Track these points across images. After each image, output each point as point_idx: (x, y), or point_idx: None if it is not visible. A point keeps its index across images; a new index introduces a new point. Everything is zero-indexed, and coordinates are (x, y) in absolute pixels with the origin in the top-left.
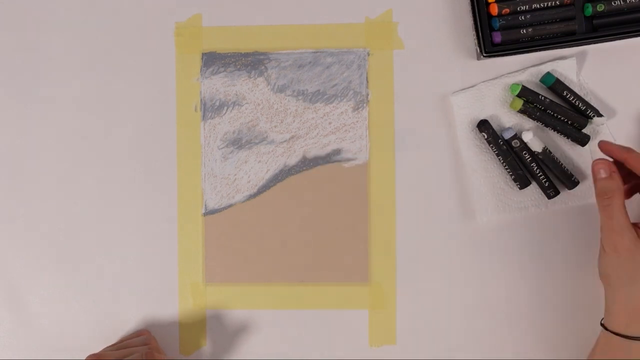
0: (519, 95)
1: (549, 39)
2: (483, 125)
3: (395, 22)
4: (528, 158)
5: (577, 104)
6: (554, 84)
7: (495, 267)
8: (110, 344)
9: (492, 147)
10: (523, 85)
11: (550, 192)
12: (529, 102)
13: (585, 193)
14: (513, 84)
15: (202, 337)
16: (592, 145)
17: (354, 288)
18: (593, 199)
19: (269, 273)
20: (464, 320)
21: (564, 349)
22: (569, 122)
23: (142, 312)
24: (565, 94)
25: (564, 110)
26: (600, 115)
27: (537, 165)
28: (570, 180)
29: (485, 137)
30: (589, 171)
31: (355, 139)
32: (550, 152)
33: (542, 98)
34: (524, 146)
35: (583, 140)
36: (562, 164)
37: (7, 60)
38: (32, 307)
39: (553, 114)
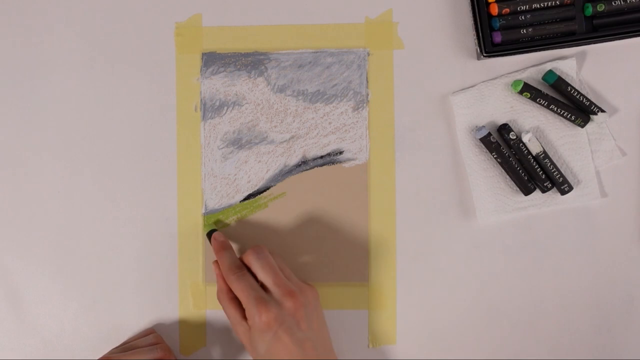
0: (521, 92)
1: (549, 39)
2: (504, 129)
3: (395, 22)
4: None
5: (580, 99)
6: (556, 82)
7: (495, 267)
8: (109, 343)
9: (512, 151)
10: (525, 82)
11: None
12: (531, 98)
13: (585, 194)
14: (515, 80)
15: (202, 337)
16: (593, 146)
17: (354, 288)
18: (593, 200)
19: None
20: (464, 320)
21: (564, 349)
22: (572, 119)
23: (142, 312)
24: (569, 89)
25: (567, 107)
26: (603, 111)
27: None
28: (566, 184)
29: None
30: (587, 175)
31: (355, 139)
32: (548, 155)
33: (545, 94)
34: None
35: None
36: (558, 168)
37: (7, 60)
38: (32, 307)
39: (556, 110)
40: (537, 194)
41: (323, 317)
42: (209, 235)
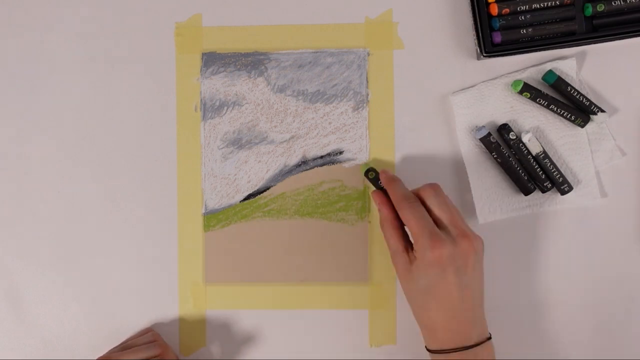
0: (520, 92)
1: (549, 39)
2: (504, 129)
3: (395, 22)
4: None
5: (580, 99)
6: (556, 82)
7: (495, 267)
8: (109, 343)
9: (512, 151)
10: (525, 82)
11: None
12: (531, 98)
13: (585, 194)
14: (515, 80)
15: (202, 337)
16: (593, 146)
17: (354, 288)
18: (593, 200)
19: (269, 273)
20: None
21: (564, 349)
22: (572, 119)
23: (142, 312)
24: (569, 89)
25: (567, 107)
26: (603, 111)
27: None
28: (566, 184)
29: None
30: (587, 175)
31: (355, 139)
32: (548, 155)
33: (545, 94)
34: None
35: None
36: (558, 168)
37: (8, 60)
38: (32, 307)
39: (556, 110)
40: (537, 194)
41: (483, 269)
42: (367, 173)
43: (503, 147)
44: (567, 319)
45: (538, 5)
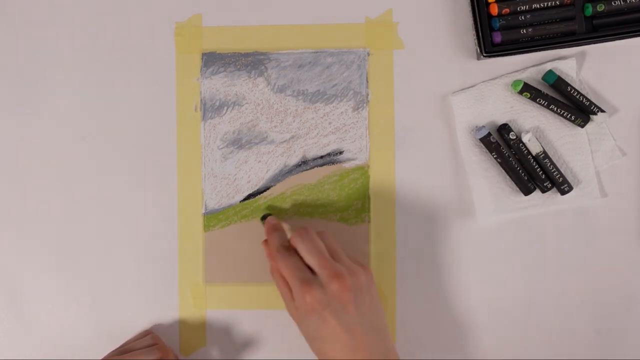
0: (520, 92)
1: (549, 39)
2: (504, 129)
3: (395, 22)
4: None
5: (580, 99)
6: (556, 82)
7: (495, 267)
8: (110, 343)
9: (512, 151)
10: (525, 82)
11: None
12: (531, 98)
13: (585, 194)
14: (515, 80)
15: (202, 337)
16: (593, 146)
17: None
18: (593, 200)
19: (269, 273)
20: (463, 320)
21: (564, 349)
22: (572, 119)
23: (142, 312)
24: (569, 89)
25: (567, 107)
26: (603, 111)
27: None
28: (566, 184)
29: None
30: (587, 175)
31: (355, 139)
32: (548, 155)
33: (545, 94)
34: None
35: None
36: (558, 168)
37: (7, 61)
38: (32, 307)
39: (556, 110)
40: (537, 194)
41: (377, 299)
42: (264, 219)
43: (503, 147)
44: (567, 319)
45: (538, 5)
